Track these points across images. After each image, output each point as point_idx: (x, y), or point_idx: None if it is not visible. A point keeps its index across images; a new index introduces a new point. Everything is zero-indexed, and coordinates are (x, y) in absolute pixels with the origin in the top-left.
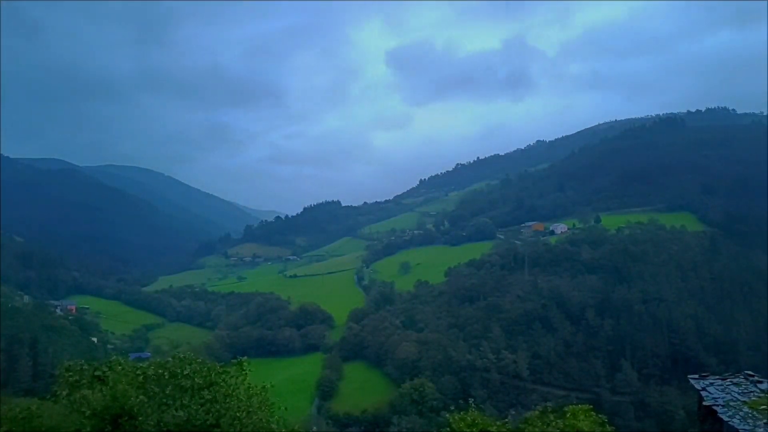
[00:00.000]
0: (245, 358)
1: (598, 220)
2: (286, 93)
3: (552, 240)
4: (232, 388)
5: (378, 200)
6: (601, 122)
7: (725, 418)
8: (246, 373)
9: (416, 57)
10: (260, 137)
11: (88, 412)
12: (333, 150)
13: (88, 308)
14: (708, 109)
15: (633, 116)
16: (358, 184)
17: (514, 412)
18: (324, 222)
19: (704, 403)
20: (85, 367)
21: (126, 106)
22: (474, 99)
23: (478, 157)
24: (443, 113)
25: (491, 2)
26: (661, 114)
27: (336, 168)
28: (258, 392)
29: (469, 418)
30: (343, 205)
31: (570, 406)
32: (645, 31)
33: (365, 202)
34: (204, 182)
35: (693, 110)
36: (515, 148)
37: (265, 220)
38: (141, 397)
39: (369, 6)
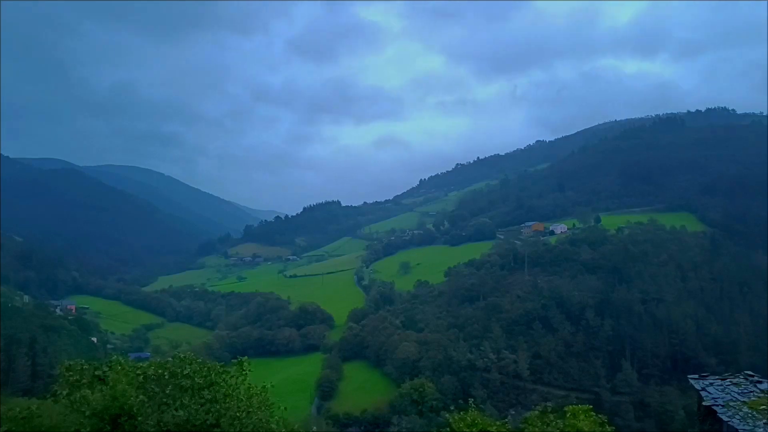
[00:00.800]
0: (245, 358)
1: (597, 220)
2: (202, 116)
3: (552, 240)
4: (232, 388)
5: (378, 200)
6: (600, 122)
7: (725, 418)
8: (246, 373)
9: (290, 89)
10: (198, 146)
11: (87, 412)
12: (269, 158)
13: (87, 308)
14: (708, 109)
15: (633, 116)
16: (298, 188)
17: (514, 412)
18: (324, 222)
19: (704, 403)
20: (86, 366)
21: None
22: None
23: (478, 157)
24: (337, 132)
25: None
26: (661, 114)
27: (277, 173)
28: (258, 392)
29: (469, 418)
30: (343, 205)
31: (570, 406)
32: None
33: (365, 202)
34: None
35: (693, 110)
36: (515, 148)
37: (265, 220)
38: (141, 397)
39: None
